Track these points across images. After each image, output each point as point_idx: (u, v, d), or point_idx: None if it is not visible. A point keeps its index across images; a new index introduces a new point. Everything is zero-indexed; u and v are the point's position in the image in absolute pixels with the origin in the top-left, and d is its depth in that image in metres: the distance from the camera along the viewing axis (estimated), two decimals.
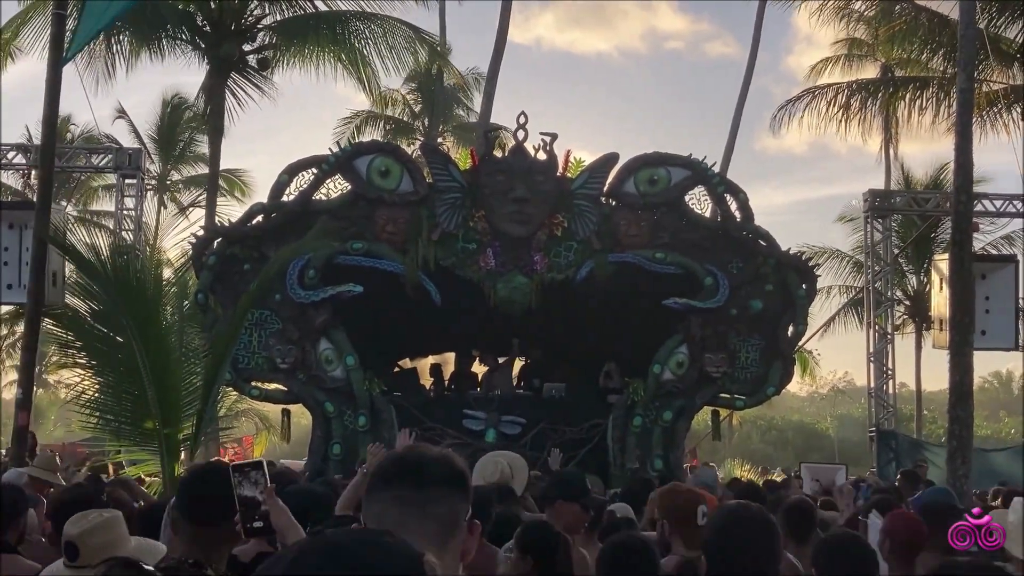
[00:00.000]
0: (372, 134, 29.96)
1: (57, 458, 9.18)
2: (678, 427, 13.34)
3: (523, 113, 13.18)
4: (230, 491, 3.04)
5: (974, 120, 15.19)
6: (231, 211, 23.42)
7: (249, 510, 2.65)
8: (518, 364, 15.14)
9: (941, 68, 19.15)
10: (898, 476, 12.05)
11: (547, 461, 10.76)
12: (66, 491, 5.80)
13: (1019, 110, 18.47)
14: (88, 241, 7.93)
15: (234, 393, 12.46)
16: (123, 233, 18.07)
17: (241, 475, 2.72)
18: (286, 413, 14.05)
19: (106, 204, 29.04)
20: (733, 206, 13.56)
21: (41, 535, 5.46)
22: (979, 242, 20.05)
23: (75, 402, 8.46)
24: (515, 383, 14.55)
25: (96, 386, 7.94)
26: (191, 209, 28.41)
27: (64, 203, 23.97)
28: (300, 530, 2.60)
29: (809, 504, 5.41)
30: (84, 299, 7.83)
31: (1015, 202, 19.61)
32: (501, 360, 14.43)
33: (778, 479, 15.71)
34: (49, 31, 9.63)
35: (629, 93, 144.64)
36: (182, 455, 7.54)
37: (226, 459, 14.56)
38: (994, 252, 21.69)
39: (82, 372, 8.04)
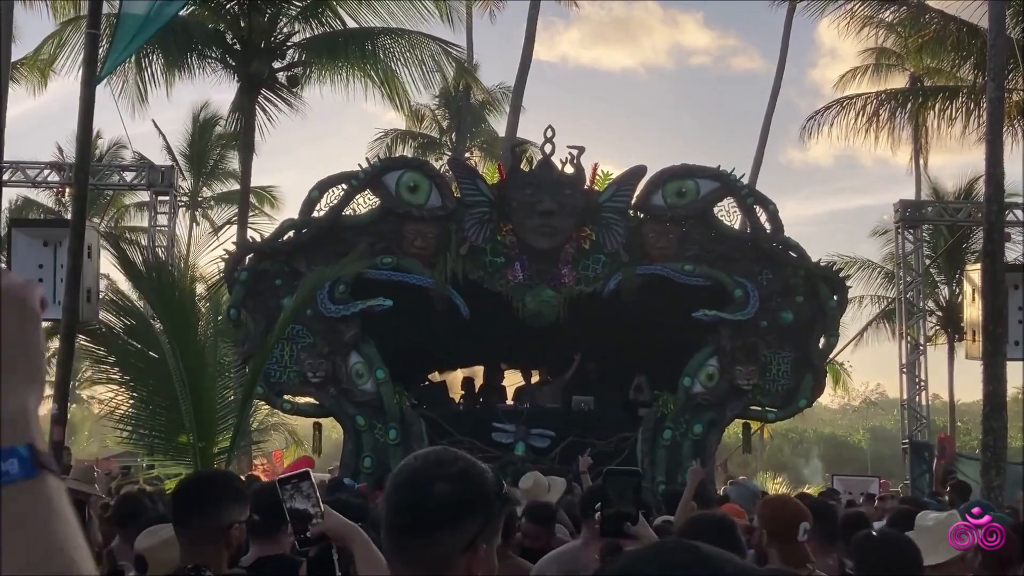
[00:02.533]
0: (403, 151, 30.22)
1: (95, 470, 9.28)
2: (709, 440, 13.29)
3: (550, 127, 13.24)
4: (220, 498, 3.16)
5: (1005, 129, 15.10)
6: (262, 226, 23.65)
7: (301, 522, 2.69)
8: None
9: (971, 77, 19.01)
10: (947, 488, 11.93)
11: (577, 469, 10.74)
12: (127, 502, 5.91)
13: None
14: (126, 256, 8.02)
15: (265, 407, 12.55)
16: (156, 249, 18.26)
17: (291, 488, 2.75)
18: (317, 427, 14.14)
19: (137, 221, 29.38)
20: (763, 217, 13.52)
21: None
22: (1012, 252, 19.86)
23: (109, 417, 8.57)
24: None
25: (130, 401, 8.03)
26: (226, 228, 28.67)
27: (96, 220, 24.25)
28: (361, 532, 2.63)
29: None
30: (118, 315, 7.93)
31: None
32: (555, 377, 14.38)
33: (815, 492, 15.59)
34: (83, 51, 9.78)
35: (655, 108, 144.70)
36: (216, 468, 7.61)
37: (257, 473, 14.68)
38: None
39: (116, 387, 8.13)
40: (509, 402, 14.57)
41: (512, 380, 15.56)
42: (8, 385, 0.97)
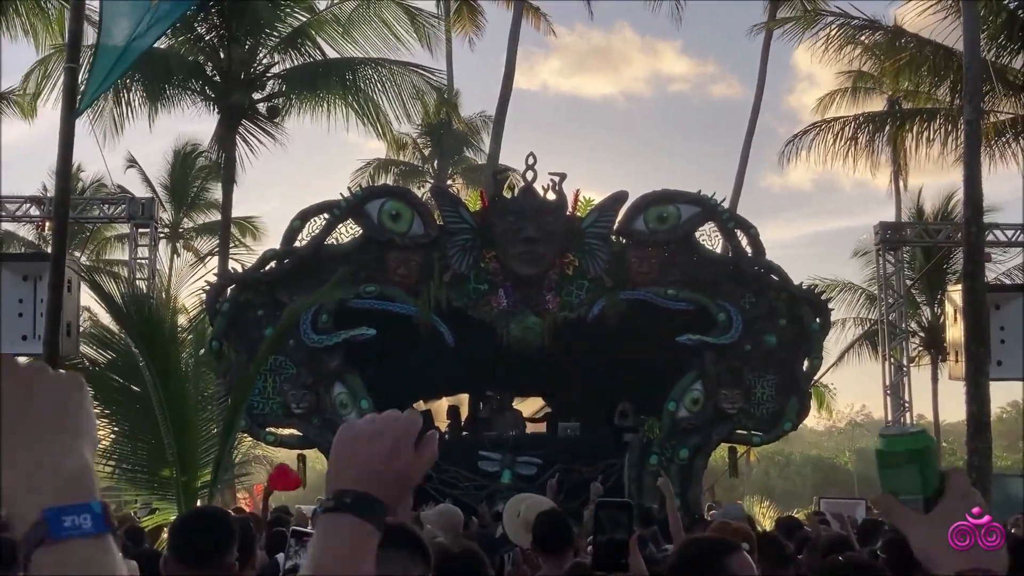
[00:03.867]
0: (385, 180, 30.29)
1: None
2: (695, 465, 13.26)
3: (531, 154, 13.29)
4: (218, 533, 3.15)
5: (983, 150, 15.23)
6: (244, 257, 23.57)
7: None
8: (530, 405, 15.11)
9: (948, 99, 19.19)
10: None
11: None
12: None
13: None
14: (104, 290, 7.96)
15: (249, 439, 12.45)
16: (137, 282, 18.16)
17: (299, 544, 2.71)
18: (302, 458, 14.02)
19: (118, 253, 29.23)
20: (744, 241, 13.57)
21: None
22: (992, 272, 20.00)
23: None
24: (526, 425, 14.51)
25: (112, 435, 7.95)
26: (208, 259, 28.57)
27: (77, 254, 24.12)
28: None
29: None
30: (99, 349, 7.87)
31: None
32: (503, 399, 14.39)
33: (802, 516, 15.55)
34: (62, 84, 9.76)
35: (635, 135, 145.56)
36: (199, 503, 7.53)
37: (242, 506, 14.53)
38: (1008, 282, 21.58)
39: (97, 421, 8.05)
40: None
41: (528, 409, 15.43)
42: (75, 444, 1.09)
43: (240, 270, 14.24)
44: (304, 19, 19.12)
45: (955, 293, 17.11)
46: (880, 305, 20.69)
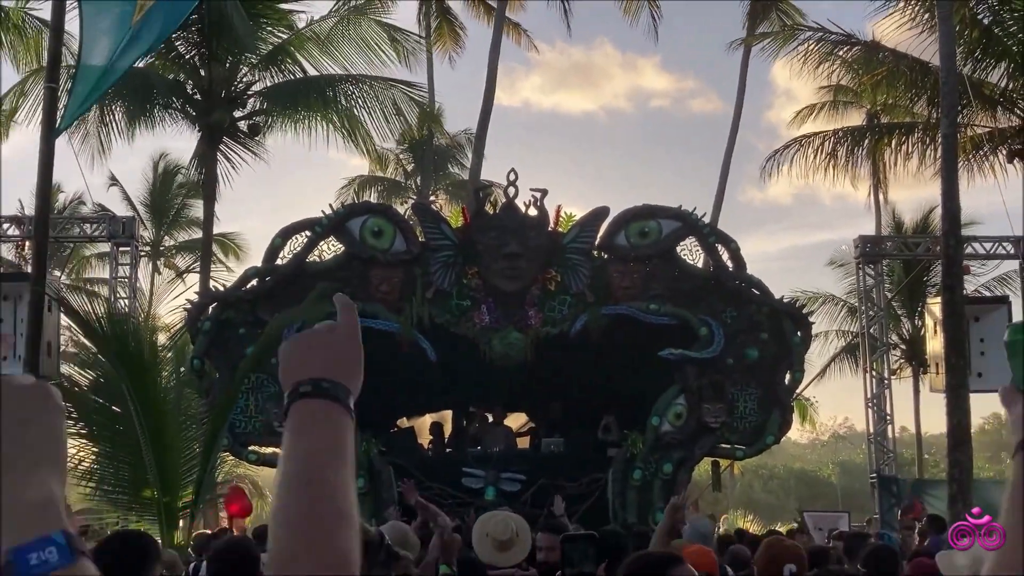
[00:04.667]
0: (370, 197, 30.32)
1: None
2: (679, 479, 13.27)
3: (513, 170, 13.32)
4: (150, 556, 3.24)
5: (961, 163, 15.37)
6: (225, 275, 23.51)
7: None
8: (513, 421, 15.09)
9: (925, 113, 19.36)
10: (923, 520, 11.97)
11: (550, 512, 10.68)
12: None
13: (1004, 153, 18.65)
14: (84, 309, 7.92)
15: (231, 458, 12.40)
16: (118, 301, 18.08)
17: None
18: None
19: (99, 272, 29.11)
20: (725, 256, 13.62)
21: None
22: (971, 284, 20.15)
23: (72, 473, 8.43)
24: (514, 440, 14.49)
25: (93, 456, 7.91)
26: (186, 274, 28.49)
27: (57, 273, 24.01)
28: None
29: (892, 551, 5.43)
30: (80, 369, 7.84)
31: (1005, 244, 19.72)
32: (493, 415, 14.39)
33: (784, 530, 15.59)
34: (41, 103, 9.74)
35: (617, 151, 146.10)
36: (181, 523, 7.50)
37: (225, 527, 14.44)
38: (987, 293, 21.75)
39: (79, 442, 8.01)
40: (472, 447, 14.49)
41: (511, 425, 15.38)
42: (37, 475, 1.01)
43: (222, 288, 14.21)
44: (283, 37, 19.13)
45: (934, 305, 17.22)
46: (861, 318, 20.80)
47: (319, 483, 1.20)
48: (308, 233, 13.22)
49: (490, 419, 14.46)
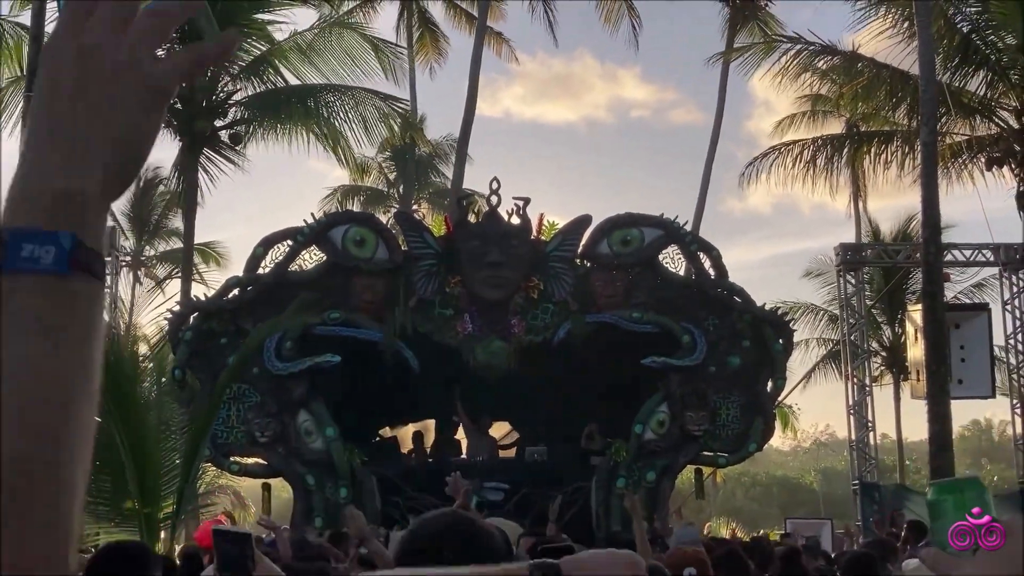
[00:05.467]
0: (353, 206, 30.28)
1: None
2: (662, 487, 13.28)
3: (495, 179, 13.33)
4: (151, 565, 3.20)
5: (940, 171, 15.46)
6: (207, 285, 23.39)
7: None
8: (497, 430, 15.06)
9: (905, 122, 19.48)
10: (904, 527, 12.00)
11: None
12: None
13: (983, 160, 18.79)
14: None
15: (213, 469, 12.32)
16: None
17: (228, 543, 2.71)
18: (266, 487, 13.89)
19: None
20: (707, 264, 13.66)
21: None
22: (949, 291, 20.25)
23: None
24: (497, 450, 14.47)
25: None
26: (167, 283, 28.34)
27: None
28: None
29: (873, 557, 5.45)
30: None
31: (984, 251, 19.85)
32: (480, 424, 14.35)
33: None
34: (22, 113, 9.70)
35: (598, 161, 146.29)
36: (162, 534, 7.44)
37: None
38: (965, 300, 21.88)
39: None
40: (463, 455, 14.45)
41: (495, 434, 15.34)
42: (74, 166, 0.81)
43: (203, 298, 14.14)
44: (263, 49, 19.07)
45: (915, 313, 17.33)
46: (842, 325, 20.88)
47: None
48: (290, 242, 13.18)
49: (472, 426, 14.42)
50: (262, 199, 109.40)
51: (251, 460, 13.13)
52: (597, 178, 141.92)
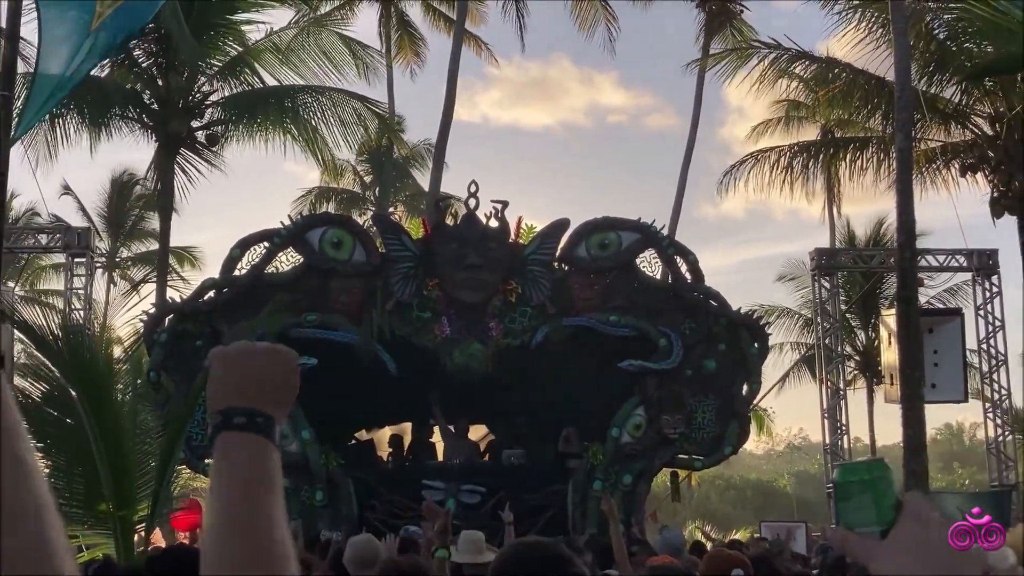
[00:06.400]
0: (328, 208, 30.15)
1: None
2: (639, 490, 13.31)
3: (474, 182, 13.33)
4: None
5: (914, 177, 15.58)
6: (182, 286, 23.26)
7: None
8: (474, 433, 15.04)
9: (880, 128, 19.62)
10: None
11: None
12: None
13: (957, 166, 18.96)
14: (38, 321, 7.80)
15: (188, 472, 12.26)
16: (73, 312, 17.83)
17: None
18: None
19: (54, 283, 28.71)
20: (683, 268, 13.71)
21: None
22: (922, 295, 20.41)
23: None
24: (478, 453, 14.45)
25: (46, 470, 7.78)
26: (142, 285, 28.15)
27: (12, 284, 23.62)
28: None
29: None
30: (33, 381, 7.71)
31: (958, 257, 20.03)
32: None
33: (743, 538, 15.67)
34: None
35: (575, 165, 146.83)
36: (136, 537, 7.39)
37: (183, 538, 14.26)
38: (938, 305, 22.07)
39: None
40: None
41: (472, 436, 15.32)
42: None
43: (178, 300, 14.05)
44: (240, 50, 18.98)
45: (889, 317, 17.45)
46: (816, 330, 21.02)
47: (263, 523, 1.13)
48: (266, 244, 13.13)
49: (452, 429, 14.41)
50: (238, 202, 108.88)
51: None
52: (575, 182, 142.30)
